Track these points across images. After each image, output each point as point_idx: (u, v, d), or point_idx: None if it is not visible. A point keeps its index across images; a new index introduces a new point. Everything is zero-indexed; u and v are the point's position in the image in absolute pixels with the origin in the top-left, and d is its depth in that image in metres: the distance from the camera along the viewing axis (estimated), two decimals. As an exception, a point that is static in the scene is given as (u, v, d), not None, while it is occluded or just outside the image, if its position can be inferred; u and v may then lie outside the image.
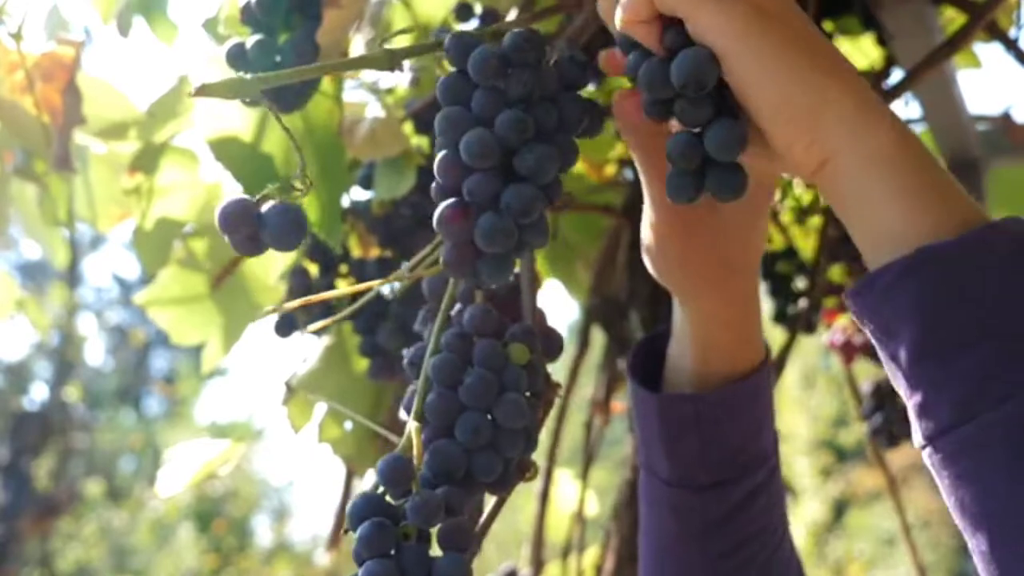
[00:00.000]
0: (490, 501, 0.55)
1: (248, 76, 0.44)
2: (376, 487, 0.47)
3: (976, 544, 0.39)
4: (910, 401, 0.41)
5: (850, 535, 5.84)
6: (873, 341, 0.42)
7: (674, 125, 0.47)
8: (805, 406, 5.95)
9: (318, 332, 0.89)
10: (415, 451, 0.48)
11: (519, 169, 0.45)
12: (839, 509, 5.97)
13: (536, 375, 0.53)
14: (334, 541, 0.94)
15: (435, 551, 0.47)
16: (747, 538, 0.61)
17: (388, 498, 0.47)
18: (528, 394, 0.51)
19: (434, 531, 0.47)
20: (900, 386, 0.41)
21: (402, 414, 0.53)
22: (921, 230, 0.40)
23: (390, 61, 0.48)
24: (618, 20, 0.44)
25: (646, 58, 0.44)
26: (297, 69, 0.48)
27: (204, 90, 0.43)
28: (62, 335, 7.03)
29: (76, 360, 7.61)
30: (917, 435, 0.41)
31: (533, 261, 0.58)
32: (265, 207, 0.45)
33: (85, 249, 7.76)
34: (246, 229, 0.45)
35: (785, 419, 5.85)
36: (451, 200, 0.46)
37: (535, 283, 0.57)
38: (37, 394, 7.75)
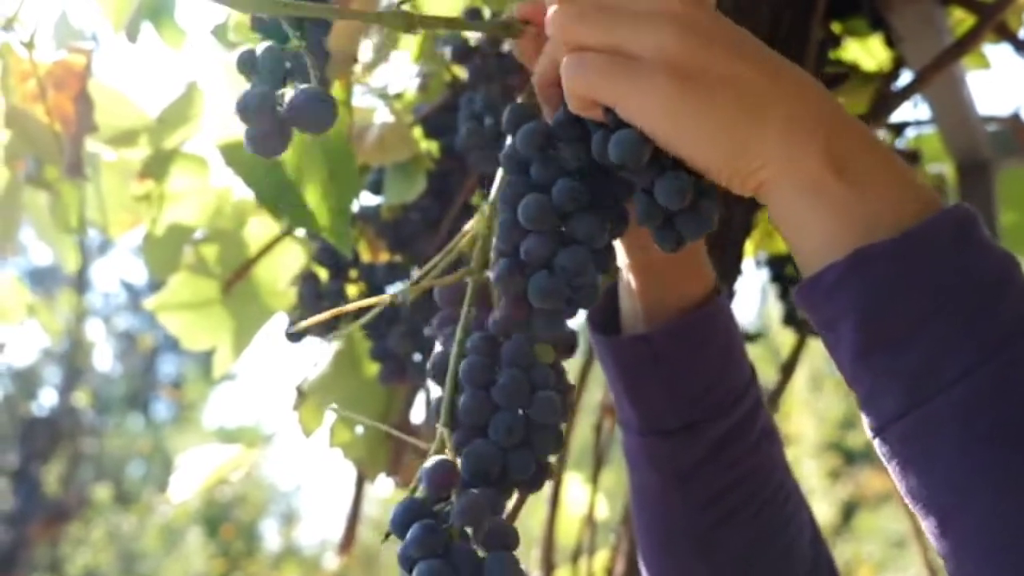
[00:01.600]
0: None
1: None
2: (413, 492, 0.48)
3: (929, 526, 0.40)
4: (858, 394, 0.42)
5: (859, 537, 5.82)
6: (822, 339, 0.44)
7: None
8: (813, 408, 5.94)
9: (328, 337, 0.89)
10: (449, 455, 0.49)
11: (573, 234, 0.48)
12: (848, 511, 5.96)
13: (560, 374, 0.53)
14: (346, 545, 0.94)
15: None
16: (728, 486, 0.60)
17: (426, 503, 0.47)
18: (556, 392, 0.52)
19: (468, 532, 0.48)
20: (849, 381, 0.43)
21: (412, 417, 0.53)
22: (855, 236, 0.41)
23: (407, 22, 0.49)
24: (570, 107, 0.47)
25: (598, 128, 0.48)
26: (316, 5, 0.49)
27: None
28: (71, 341, 7.05)
29: (85, 366, 7.63)
30: (867, 427, 0.42)
31: None
32: (289, 95, 0.46)
33: (93, 255, 7.78)
34: (267, 122, 0.46)
35: (793, 421, 5.83)
36: (507, 259, 0.49)
37: None
38: (46, 400, 7.78)
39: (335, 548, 0.97)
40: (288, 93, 0.46)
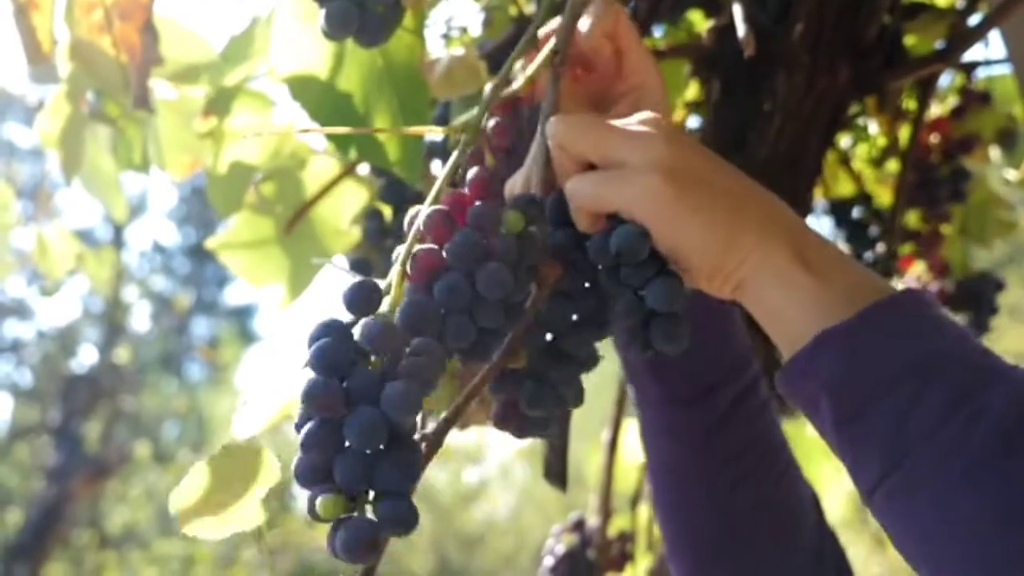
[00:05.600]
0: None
1: None
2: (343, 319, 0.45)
3: None
4: (846, 466, 0.46)
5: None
6: (811, 422, 0.48)
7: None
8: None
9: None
10: (393, 298, 0.47)
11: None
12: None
13: (531, 246, 0.50)
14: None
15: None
16: (742, 447, 0.65)
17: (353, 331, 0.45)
18: (520, 266, 0.49)
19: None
20: (837, 455, 0.47)
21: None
22: (822, 322, 0.46)
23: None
24: (577, 223, 0.52)
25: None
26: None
27: None
28: (109, 299, 7.13)
29: (123, 324, 7.72)
30: (860, 492, 0.46)
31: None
32: None
33: (129, 215, 7.83)
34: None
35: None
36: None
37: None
38: (86, 358, 7.87)
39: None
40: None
